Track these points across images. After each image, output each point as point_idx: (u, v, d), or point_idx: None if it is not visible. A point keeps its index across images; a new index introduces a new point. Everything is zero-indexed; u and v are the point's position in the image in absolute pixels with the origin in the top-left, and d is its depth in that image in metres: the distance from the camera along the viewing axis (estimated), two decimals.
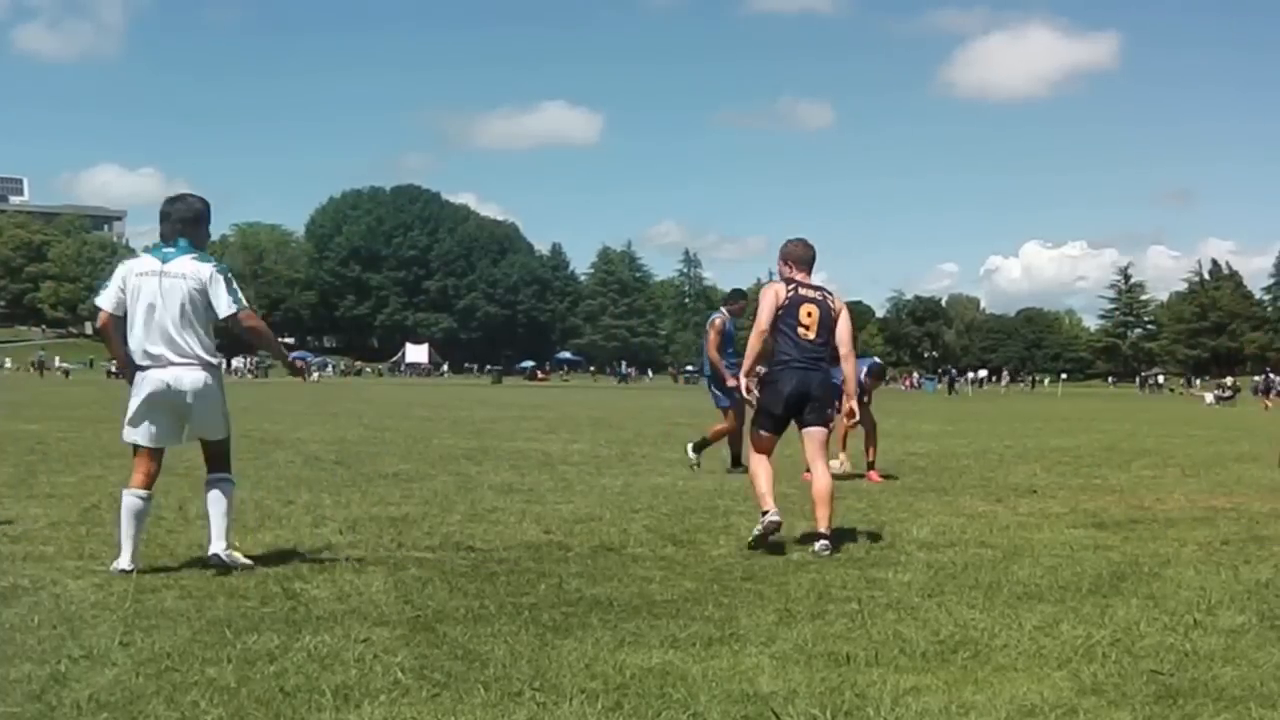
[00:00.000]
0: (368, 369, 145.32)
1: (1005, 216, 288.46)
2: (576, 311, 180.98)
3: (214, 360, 8.53)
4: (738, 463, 16.36)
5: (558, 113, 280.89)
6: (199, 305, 8.38)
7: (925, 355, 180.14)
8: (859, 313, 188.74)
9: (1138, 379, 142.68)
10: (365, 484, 14.11)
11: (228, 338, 9.07)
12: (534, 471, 16.31)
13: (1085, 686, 5.68)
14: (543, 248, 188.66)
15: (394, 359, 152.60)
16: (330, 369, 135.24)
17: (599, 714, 5.20)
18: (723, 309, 17.47)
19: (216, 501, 8.52)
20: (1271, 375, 78.69)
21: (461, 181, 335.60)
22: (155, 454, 8.59)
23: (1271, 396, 70.59)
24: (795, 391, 10.17)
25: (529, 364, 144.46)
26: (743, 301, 17.90)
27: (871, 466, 16.47)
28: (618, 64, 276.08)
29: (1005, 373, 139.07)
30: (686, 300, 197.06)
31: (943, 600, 7.70)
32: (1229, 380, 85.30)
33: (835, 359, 10.41)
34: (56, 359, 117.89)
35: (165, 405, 8.40)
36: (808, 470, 10.72)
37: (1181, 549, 10.01)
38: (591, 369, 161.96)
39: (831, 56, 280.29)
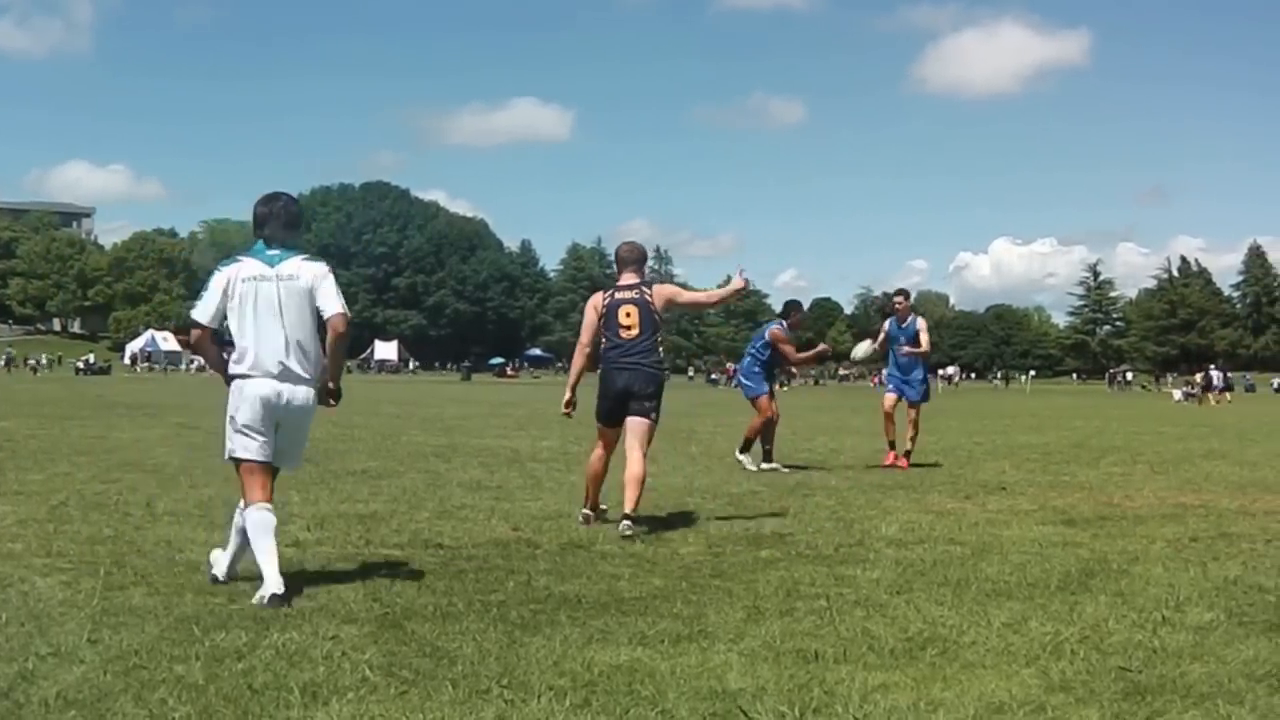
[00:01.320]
0: None
1: (975, 213, 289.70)
2: (546, 308, 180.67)
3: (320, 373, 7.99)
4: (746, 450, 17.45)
5: (529, 109, 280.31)
6: (314, 309, 7.89)
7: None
8: (828, 309, 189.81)
9: (1107, 376, 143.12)
10: (334, 481, 14.07)
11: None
12: (503, 469, 16.30)
13: (1053, 683, 5.70)
14: (512, 245, 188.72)
15: (363, 356, 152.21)
16: None
17: (567, 711, 5.20)
18: (781, 321, 18.44)
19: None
20: (1213, 373, 79.41)
21: (432, 178, 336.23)
22: (267, 467, 7.89)
23: (1215, 393, 71.52)
24: (622, 388, 10.92)
25: (499, 361, 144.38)
26: (799, 314, 18.89)
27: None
28: (589, 60, 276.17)
29: (955, 369, 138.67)
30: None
31: (911, 597, 7.71)
32: (1198, 377, 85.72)
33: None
34: (40, 357, 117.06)
35: (273, 419, 7.84)
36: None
37: (1150, 546, 10.05)
38: (560, 365, 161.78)
39: (804, 53, 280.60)
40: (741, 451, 17.51)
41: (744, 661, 6.01)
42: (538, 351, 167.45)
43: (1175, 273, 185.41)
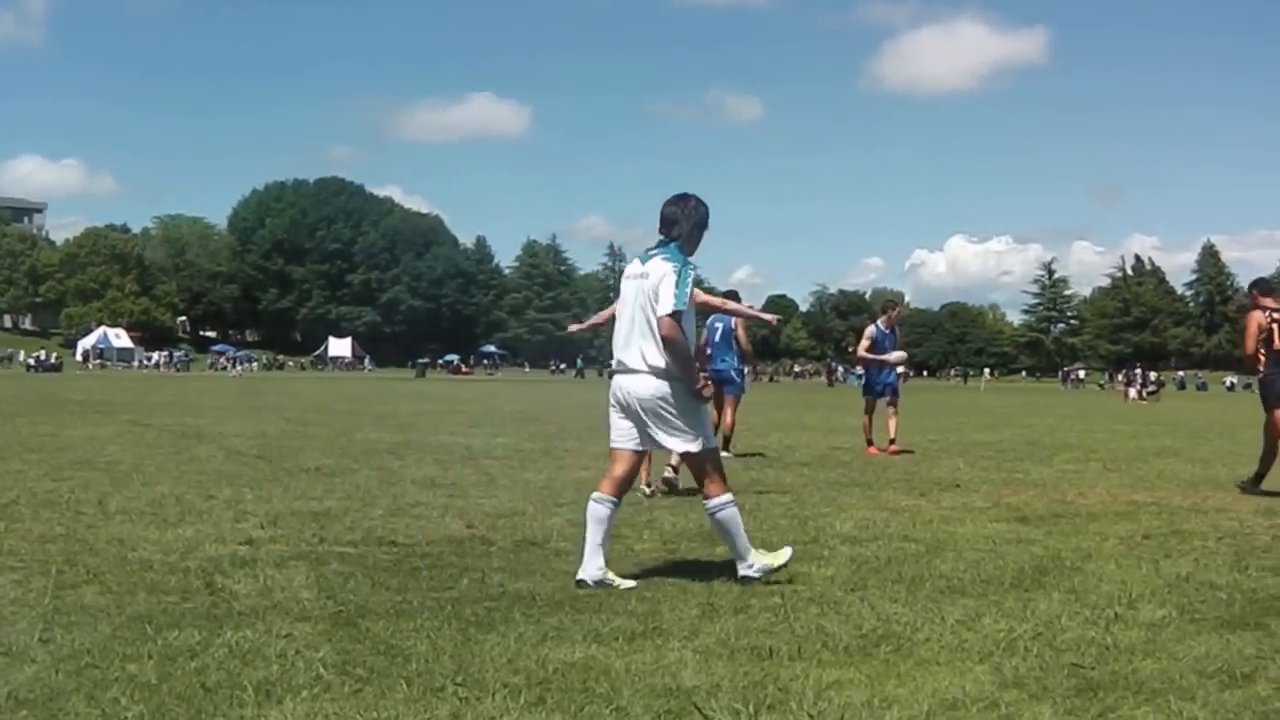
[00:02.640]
0: (290, 363, 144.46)
1: (931, 211, 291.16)
2: (501, 305, 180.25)
3: (667, 367, 7.98)
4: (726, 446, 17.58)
5: (485, 105, 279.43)
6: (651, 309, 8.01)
7: (849, 350, 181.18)
8: (783, 307, 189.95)
9: (1060, 374, 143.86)
10: (287, 478, 14.03)
11: (152, 330, 8.85)
12: (457, 466, 16.27)
13: (1007, 680, 5.72)
14: (468, 241, 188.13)
15: (316, 353, 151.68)
16: (253, 363, 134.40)
17: (522, 709, 5.19)
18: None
19: (720, 526, 8.29)
20: (1134, 370, 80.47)
21: (387, 174, 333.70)
22: (621, 456, 8.34)
23: (1139, 390, 72.59)
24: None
25: (453, 358, 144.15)
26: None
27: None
28: (546, 56, 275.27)
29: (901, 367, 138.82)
30: (611, 295, 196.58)
31: (865, 594, 7.73)
32: (1152, 375, 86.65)
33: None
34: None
35: (622, 410, 8.23)
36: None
37: (1103, 543, 10.11)
38: (524, 363, 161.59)
39: (761, 49, 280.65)
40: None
41: (699, 659, 6.01)
42: (492, 348, 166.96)
43: (1129, 271, 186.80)
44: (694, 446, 8.07)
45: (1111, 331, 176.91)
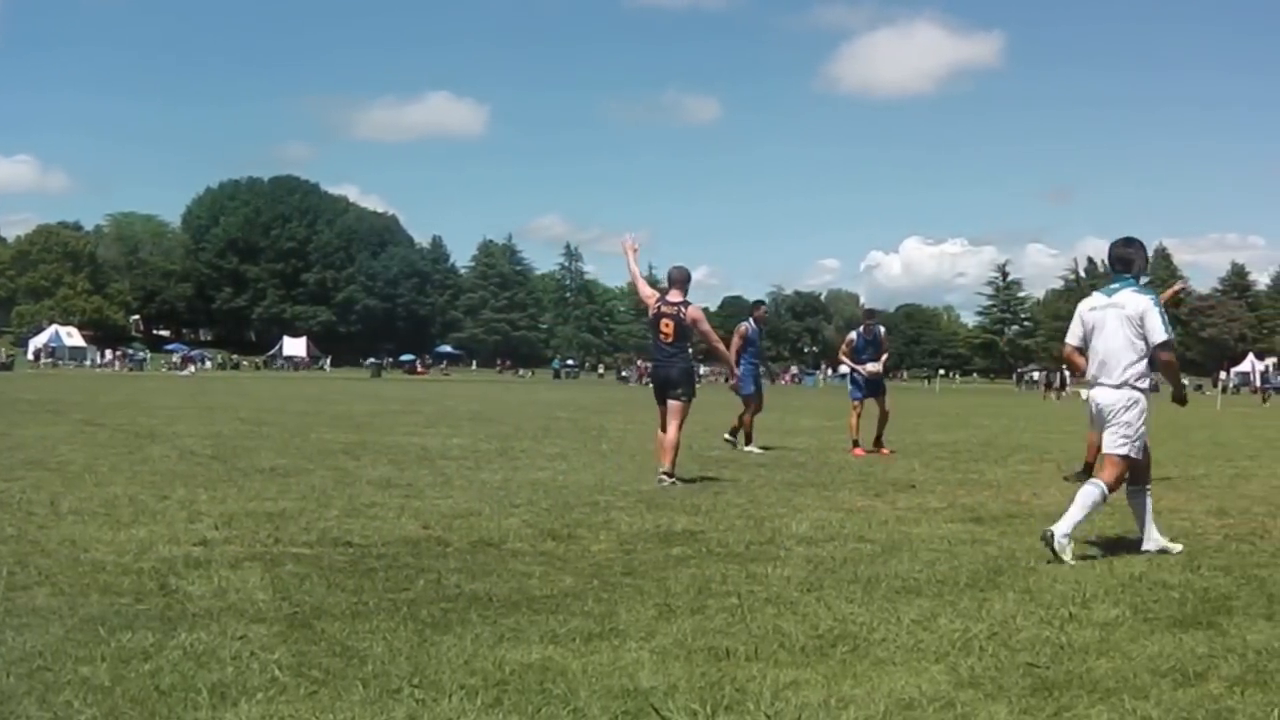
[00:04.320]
0: (245, 362, 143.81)
1: (887, 213, 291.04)
2: (457, 305, 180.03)
3: (1137, 382, 9.77)
4: (749, 441, 20.84)
5: (442, 103, 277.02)
6: (1130, 333, 9.71)
7: (805, 350, 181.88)
8: (740, 307, 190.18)
9: (1015, 375, 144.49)
10: (242, 479, 13.95)
11: (104, 329, 8.80)
12: (413, 466, 16.21)
13: (963, 679, 5.75)
14: (424, 240, 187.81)
15: (271, 352, 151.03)
16: (206, 363, 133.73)
17: (478, 710, 5.18)
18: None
19: (1134, 504, 10.24)
20: (1052, 371, 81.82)
21: (343, 173, 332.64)
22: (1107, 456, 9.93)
23: (1056, 389, 73.77)
24: (661, 379, 14.89)
25: (409, 357, 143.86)
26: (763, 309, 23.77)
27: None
28: (505, 55, 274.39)
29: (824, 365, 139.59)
30: (568, 294, 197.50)
31: (822, 595, 7.75)
32: (1038, 375, 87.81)
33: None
34: None
35: (1096, 417, 10.05)
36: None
37: None
38: (477, 362, 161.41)
39: (718, 50, 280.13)
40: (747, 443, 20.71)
41: (655, 659, 6.01)
42: (448, 348, 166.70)
43: (1083, 273, 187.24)
44: (1126, 450, 9.74)
45: (1065, 333, 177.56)
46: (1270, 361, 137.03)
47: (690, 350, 15.08)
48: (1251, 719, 5.31)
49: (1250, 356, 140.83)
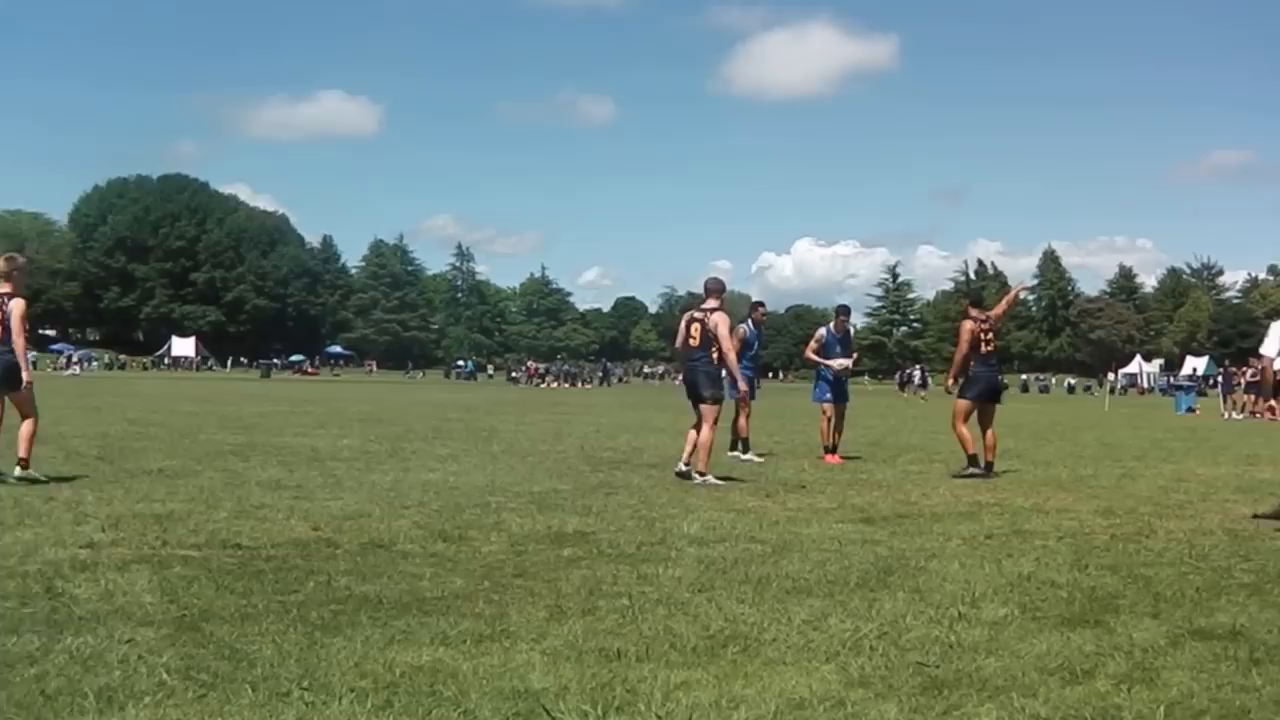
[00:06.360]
0: (132, 362, 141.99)
1: (779, 214, 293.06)
2: (348, 305, 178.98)
3: None
4: (746, 449, 20.01)
5: (335, 103, 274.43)
6: None
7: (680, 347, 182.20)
8: (632, 309, 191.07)
9: (897, 376, 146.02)
10: (129, 480, 13.77)
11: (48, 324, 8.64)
12: (302, 467, 16.07)
13: (853, 679, 5.76)
14: (315, 240, 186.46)
15: (159, 352, 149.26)
16: (93, 363, 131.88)
17: (369, 713, 5.13)
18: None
19: None
20: (909, 372, 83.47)
21: (233, 172, 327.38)
22: None
23: (914, 389, 75.05)
24: (690, 381, 15.94)
25: (299, 358, 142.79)
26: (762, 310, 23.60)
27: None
28: (399, 54, 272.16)
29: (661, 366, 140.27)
30: (459, 295, 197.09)
31: (713, 595, 7.76)
32: (917, 376, 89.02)
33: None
34: None
35: None
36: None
37: (946, 543, 10.25)
38: (371, 363, 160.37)
39: (614, 51, 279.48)
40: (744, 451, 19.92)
41: (546, 661, 5.99)
42: (339, 349, 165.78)
43: (973, 275, 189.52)
44: None
45: (953, 334, 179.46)
46: (1158, 363, 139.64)
47: (715, 356, 15.61)
48: (1138, 716, 5.36)
49: (1138, 358, 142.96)
